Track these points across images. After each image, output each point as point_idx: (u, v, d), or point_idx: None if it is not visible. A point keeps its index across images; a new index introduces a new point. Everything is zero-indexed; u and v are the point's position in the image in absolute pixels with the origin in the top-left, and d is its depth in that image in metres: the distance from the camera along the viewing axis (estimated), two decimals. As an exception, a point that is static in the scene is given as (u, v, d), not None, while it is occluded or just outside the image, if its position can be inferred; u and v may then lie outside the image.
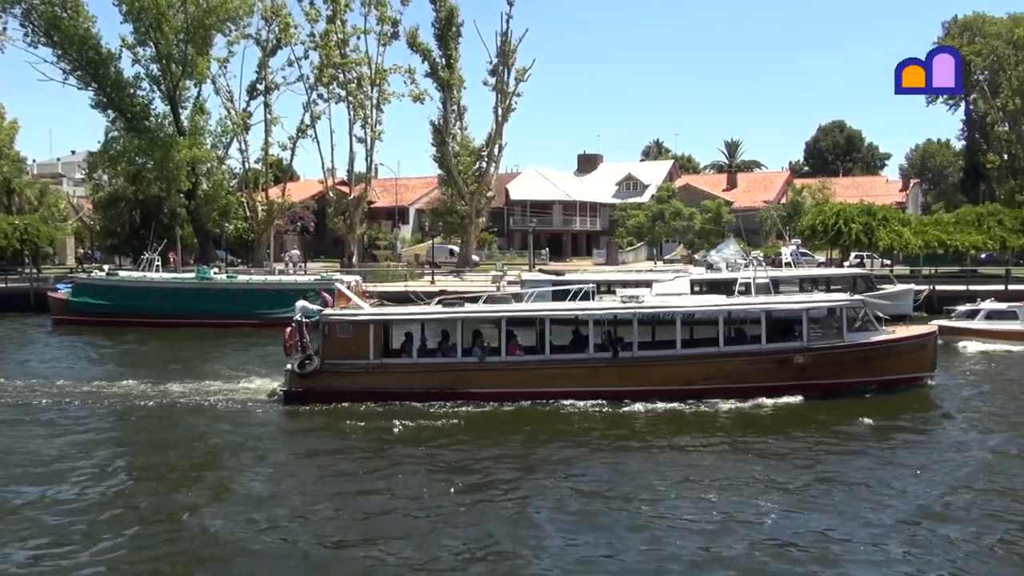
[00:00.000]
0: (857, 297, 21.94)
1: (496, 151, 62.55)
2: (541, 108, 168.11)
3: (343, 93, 60.33)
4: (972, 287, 37.76)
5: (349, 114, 60.82)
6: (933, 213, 68.05)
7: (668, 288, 30.48)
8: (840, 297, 21.89)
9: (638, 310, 20.11)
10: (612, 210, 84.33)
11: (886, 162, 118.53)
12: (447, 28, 60.29)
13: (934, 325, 23.37)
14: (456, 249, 64.99)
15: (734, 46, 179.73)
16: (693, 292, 29.99)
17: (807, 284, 33.74)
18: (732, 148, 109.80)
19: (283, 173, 66.98)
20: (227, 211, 60.20)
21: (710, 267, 35.76)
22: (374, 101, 60.92)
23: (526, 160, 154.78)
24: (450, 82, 60.76)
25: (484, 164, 63.11)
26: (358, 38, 60.79)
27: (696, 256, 62.81)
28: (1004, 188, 74.86)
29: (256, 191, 62.46)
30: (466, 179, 62.48)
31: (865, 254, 58.15)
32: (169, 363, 26.84)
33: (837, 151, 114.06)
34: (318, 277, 41.57)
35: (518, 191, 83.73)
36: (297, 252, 63.53)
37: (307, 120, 61.00)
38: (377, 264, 65.11)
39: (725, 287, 26.80)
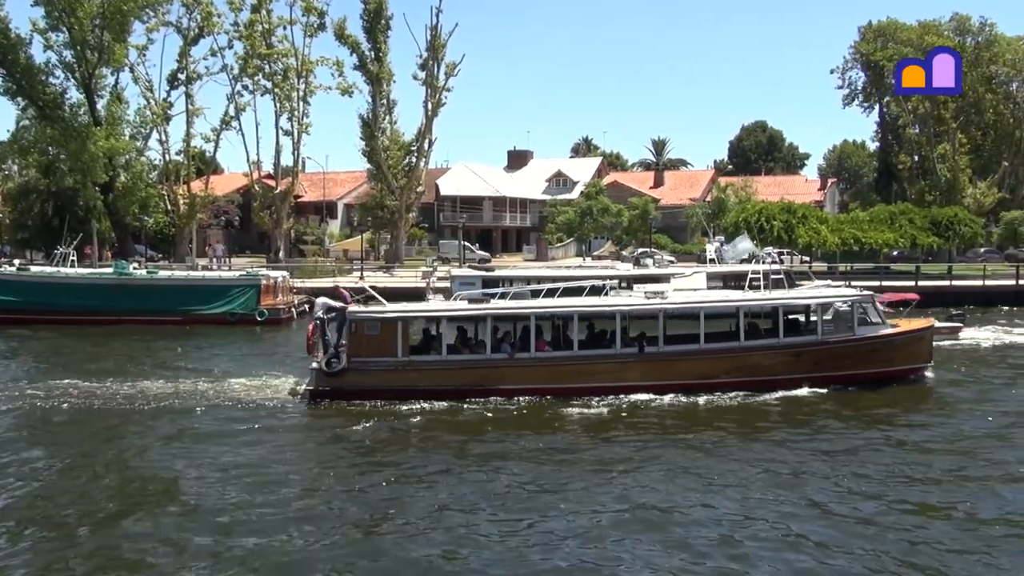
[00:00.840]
0: (867, 293, 22.48)
1: (426, 146, 62.32)
2: (471, 103, 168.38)
3: (269, 85, 59.17)
4: (885, 283, 39.36)
5: (275, 106, 59.75)
6: (849, 212, 70.76)
7: (687, 283, 30.46)
8: (851, 292, 22.67)
9: (664, 306, 20.24)
10: (542, 206, 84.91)
11: (805, 162, 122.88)
12: (376, 21, 59.67)
13: (931, 319, 24.23)
14: (468, 244, 64.74)
15: (662, 45, 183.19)
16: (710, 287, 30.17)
17: (730, 280, 34.59)
18: (659, 146, 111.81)
19: (206, 166, 65.25)
20: (147, 204, 58.21)
21: (713, 261, 36.75)
22: (301, 93, 59.94)
23: (456, 155, 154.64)
24: (379, 75, 60.18)
25: (414, 159, 62.76)
26: (284, 29, 59.81)
27: (624, 252, 63.81)
28: (915, 188, 78.38)
29: (177, 184, 60.63)
30: (396, 174, 62.00)
31: (785, 251, 60.09)
32: (96, 362, 25.77)
33: (759, 151, 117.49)
34: (243, 273, 40.61)
35: (448, 186, 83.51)
36: (222, 246, 61.95)
37: (231, 112, 59.69)
38: (305, 259, 64.07)
39: (738, 281, 26.88)
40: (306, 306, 40.53)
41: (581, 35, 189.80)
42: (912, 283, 40.86)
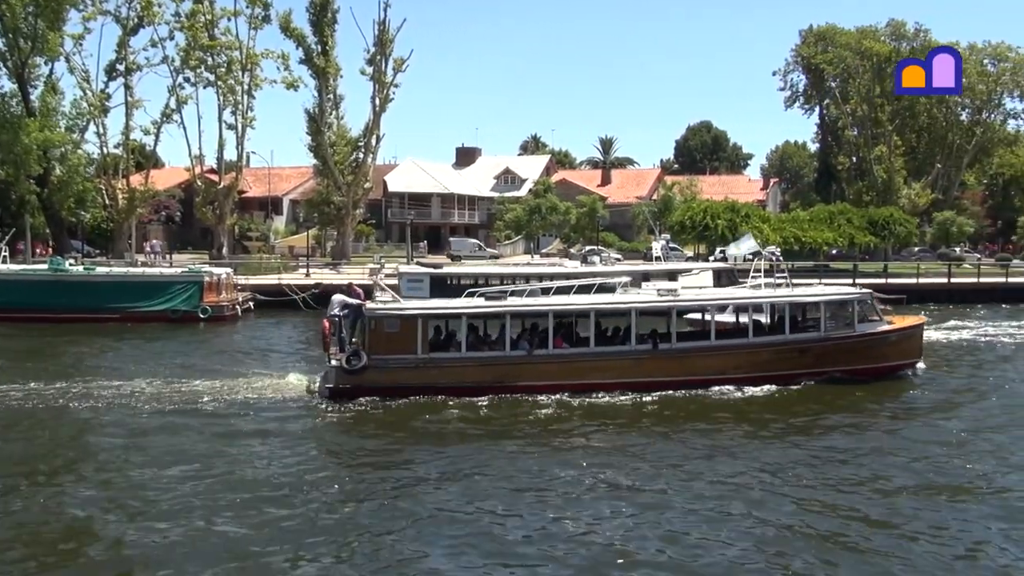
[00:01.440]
0: (866, 291, 23.22)
1: (373, 142, 61.75)
2: (420, 100, 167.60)
3: (212, 77, 57.82)
4: (824, 280, 40.43)
5: (218, 99, 58.45)
6: (790, 211, 72.55)
7: (693, 281, 31.15)
8: (852, 290, 23.46)
9: (677, 303, 20.64)
10: (490, 203, 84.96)
11: (749, 162, 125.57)
12: (322, 14, 58.88)
13: (923, 316, 25.04)
14: (480, 243, 64.09)
15: (610, 44, 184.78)
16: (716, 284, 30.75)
17: (676, 276, 35.16)
18: (607, 145, 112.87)
19: (146, 159, 63.49)
20: (83, 199, 56.35)
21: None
22: (245, 87, 58.74)
23: (404, 152, 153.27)
24: (325, 70, 59.40)
25: (361, 155, 62.14)
26: (228, 20, 58.53)
27: (572, 250, 64.28)
28: (853, 189, 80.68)
29: (116, 178, 58.89)
30: (343, 170, 61.31)
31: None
32: (45, 361, 25.02)
33: (705, 150, 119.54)
34: (185, 269, 39.72)
35: (396, 183, 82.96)
36: (157, 242, 60.44)
37: (172, 104, 58.15)
38: (249, 256, 62.95)
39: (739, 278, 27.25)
40: (251, 303, 40.04)
41: (530, 33, 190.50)
42: (850, 281, 41.99)
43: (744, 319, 21.67)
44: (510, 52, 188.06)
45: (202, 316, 35.17)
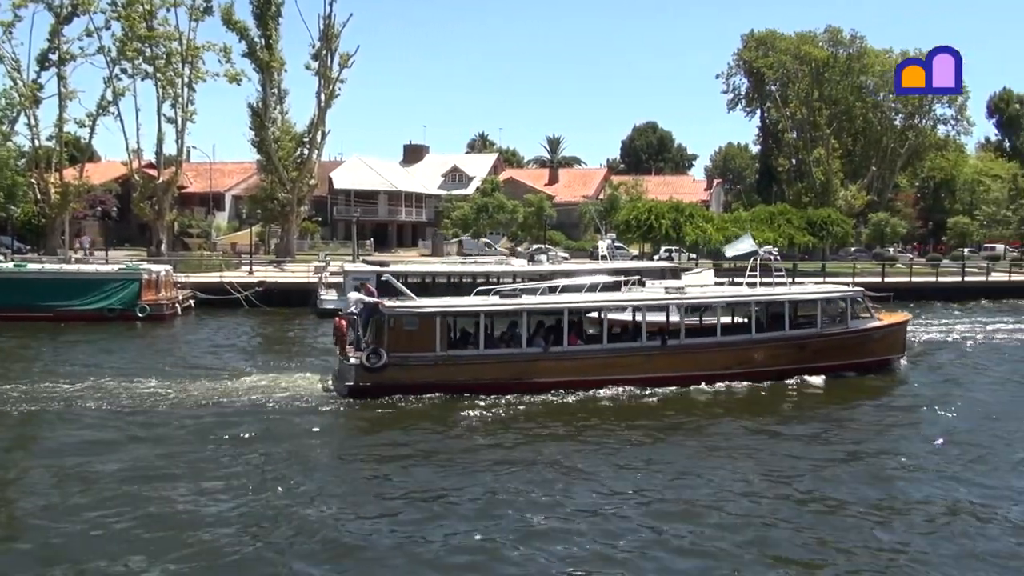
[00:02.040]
0: (858, 288, 24.30)
1: (319, 138, 60.87)
2: (367, 96, 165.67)
3: (150, 69, 56.20)
4: (764, 279, 41.31)
5: (157, 92, 56.84)
6: (733, 211, 73.91)
7: (696, 279, 32.20)
8: (845, 288, 24.43)
9: (685, 301, 21.35)
10: (438, 201, 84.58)
11: (693, 162, 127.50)
12: (266, 7, 57.78)
13: (907, 314, 26.24)
14: (489, 241, 63.07)
15: (559, 44, 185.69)
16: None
17: (620, 275, 35.52)
18: (554, 144, 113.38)
19: (81, 153, 61.52)
20: (14, 193, 54.33)
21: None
22: (185, 79, 57.28)
23: (351, 149, 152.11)
24: (269, 64, 58.31)
25: (306, 151, 61.21)
26: (167, 10, 56.94)
27: (519, 248, 64.38)
28: (792, 190, 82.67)
29: (48, 171, 56.87)
30: (287, 166, 60.32)
31: (674, 248, 62.17)
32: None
33: (650, 151, 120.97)
34: (122, 266, 38.59)
35: (342, 180, 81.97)
36: (88, 238, 58.59)
37: (109, 96, 56.34)
38: (189, 253, 61.47)
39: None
40: (191, 302, 39.11)
41: (477, 31, 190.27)
42: (790, 280, 42.93)
43: (741, 318, 22.62)
44: (458, 50, 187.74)
45: (140, 315, 34.23)
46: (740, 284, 23.34)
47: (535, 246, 59.24)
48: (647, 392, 19.69)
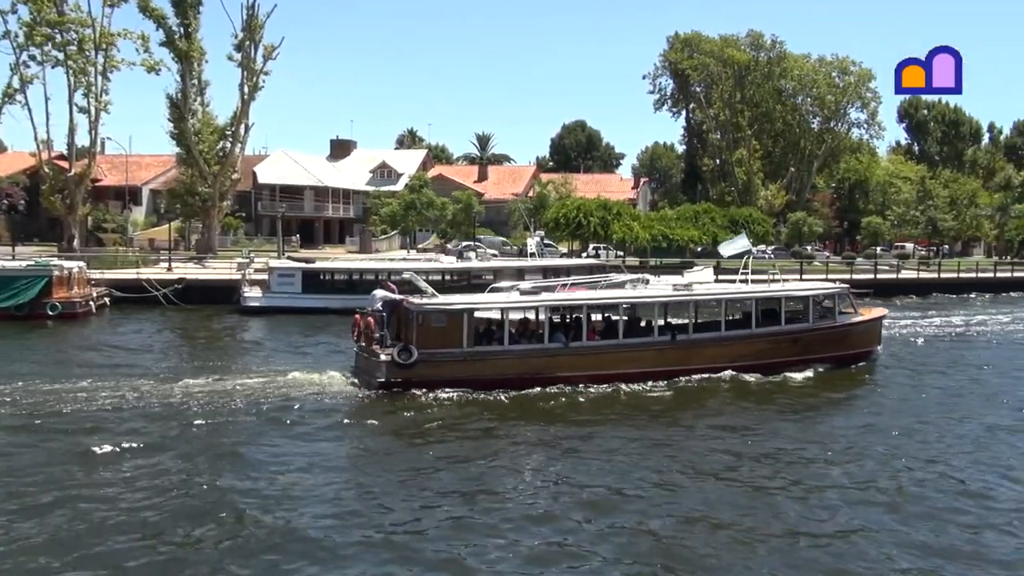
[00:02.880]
0: (844, 285, 25.94)
1: (242, 131, 59.20)
2: (292, 90, 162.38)
3: (60, 56, 53.67)
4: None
5: (69, 80, 54.30)
6: (659, 210, 75.33)
7: (698, 276, 33.16)
8: (834, 285, 25.89)
9: (693, 297, 22.38)
10: (366, 197, 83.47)
11: (621, 161, 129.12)
12: (185, -5, 55.86)
13: (884, 309, 27.85)
14: (505, 239, 61.15)
15: (489, 41, 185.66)
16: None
17: (550, 272, 35.78)
18: (484, 141, 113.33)
19: (-15, 143, 58.39)
20: (-91, 185, 51.28)
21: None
22: (99, 68, 54.85)
23: (276, 143, 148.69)
24: (189, 54, 56.42)
25: (229, 144, 59.48)
26: (79, -5, 54.38)
27: (448, 245, 64.08)
28: (716, 189, 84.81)
29: (-50, 162, 53.86)
30: (208, 159, 58.50)
31: (602, 246, 62.91)
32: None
33: (579, 149, 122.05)
34: (32, 262, 36.79)
35: (266, 174, 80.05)
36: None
37: (15, 84, 53.57)
38: (104, 249, 59.03)
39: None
40: (106, 300, 37.57)
41: (407, 26, 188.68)
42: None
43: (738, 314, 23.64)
44: (387, 45, 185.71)
45: (51, 313, 32.74)
46: (734, 281, 24.72)
47: (464, 243, 59.07)
48: (660, 385, 20.65)
